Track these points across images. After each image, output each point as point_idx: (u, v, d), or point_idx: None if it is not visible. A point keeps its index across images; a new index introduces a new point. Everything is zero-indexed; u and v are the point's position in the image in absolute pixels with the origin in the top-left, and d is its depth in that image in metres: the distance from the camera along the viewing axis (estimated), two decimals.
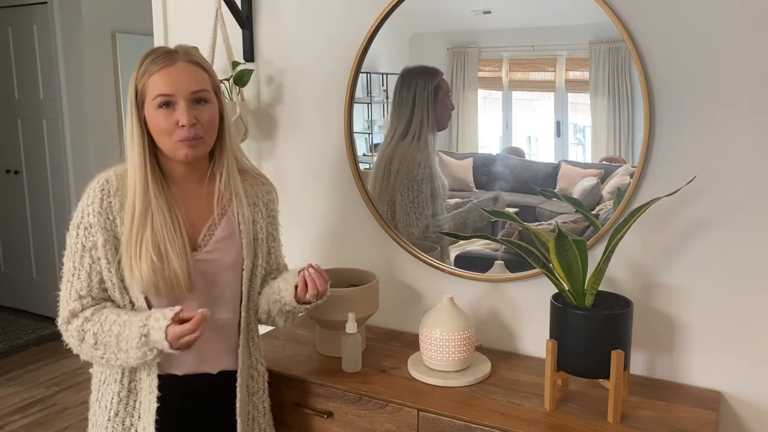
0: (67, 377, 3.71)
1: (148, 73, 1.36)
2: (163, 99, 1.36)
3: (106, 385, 1.46)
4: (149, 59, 1.38)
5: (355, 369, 1.70)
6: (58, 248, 4.50)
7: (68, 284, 1.40)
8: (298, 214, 2.15)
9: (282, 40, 2.11)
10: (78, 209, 1.40)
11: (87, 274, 1.39)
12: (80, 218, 1.39)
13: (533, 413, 1.49)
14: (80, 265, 1.39)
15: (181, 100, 1.36)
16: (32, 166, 4.53)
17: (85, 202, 1.40)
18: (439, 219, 1.95)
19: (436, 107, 1.89)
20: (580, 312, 1.46)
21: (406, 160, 1.95)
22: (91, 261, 1.39)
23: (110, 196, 1.39)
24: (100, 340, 1.36)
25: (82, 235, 1.38)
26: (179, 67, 1.37)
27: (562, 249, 1.43)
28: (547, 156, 1.79)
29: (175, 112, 1.36)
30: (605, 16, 1.60)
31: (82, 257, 1.39)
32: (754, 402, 1.60)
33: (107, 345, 1.36)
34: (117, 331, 1.35)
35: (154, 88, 1.36)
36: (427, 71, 1.89)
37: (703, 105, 1.55)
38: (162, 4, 2.31)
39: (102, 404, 1.46)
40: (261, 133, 2.19)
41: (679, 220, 1.61)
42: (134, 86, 1.39)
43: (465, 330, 1.64)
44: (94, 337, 1.36)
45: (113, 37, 4.25)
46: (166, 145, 1.39)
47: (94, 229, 1.38)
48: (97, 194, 1.39)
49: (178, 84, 1.35)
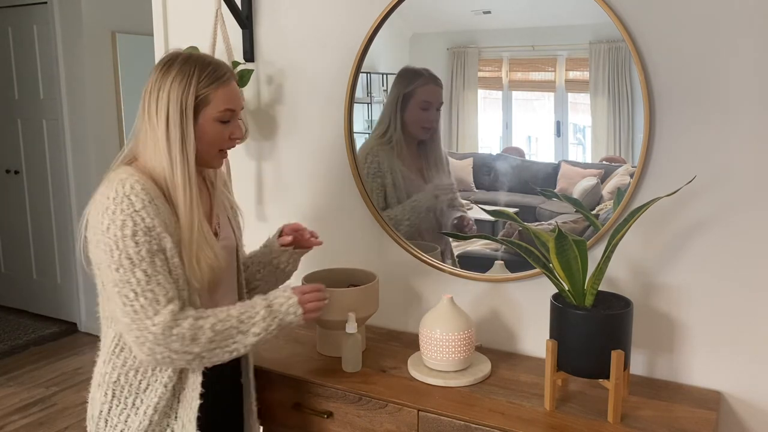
0: (67, 377, 3.71)
1: (216, 85, 1.39)
2: (230, 114, 1.42)
3: (148, 391, 1.42)
4: (211, 70, 1.39)
5: (355, 369, 1.70)
6: (58, 248, 4.51)
7: (148, 293, 1.31)
8: (298, 213, 2.15)
9: (282, 40, 2.11)
10: (117, 219, 1.30)
11: (165, 275, 1.33)
12: (133, 225, 1.30)
13: (533, 413, 1.49)
14: (153, 270, 1.31)
15: (237, 116, 1.45)
16: (32, 166, 4.53)
17: (130, 209, 1.30)
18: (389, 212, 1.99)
19: (404, 115, 1.89)
20: (580, 312, 1.46)
21: (377, 156, 2.00)
22: (162, 262, 1.33)
23: (153, 199, 1.33)
24: (218, 328, 1.35)
25: (143, 240, 1.30)
26: (235, 84, 1.45)
27: (562, 249, 1.43)
28: (547, 156, 1.79)
29: (230, 125, 1.43)
30: (605, 16, 1.60)
31: (153, 262, 1.31)
32: (754, 402, 1.60)
33: (225, 331, 1.36)
34: (237, 313, 1.38)
35: (224, 101, 1.40)
36: (408, 76, 1.90)
37: (703, 105, 1.55)
38: (162, 4, 2.31)
39: (140, 411, 1.42)
40: (261, 133, 2.19)
41: (679, 220, 1.61)
42: (194, 93, 1.36)
43: (465, 330, 1.64)
44: (211, 328, 1.34)
45: (113, 37, 4.25)
46: (209, 153, 1.43)
47: (156, 230, 1.32)
48: (143, 197, 1.31)
49: (239, 101, 1.45)
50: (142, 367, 1.41)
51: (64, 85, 4.25)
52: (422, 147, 1.94)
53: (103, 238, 1.31)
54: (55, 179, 4.42)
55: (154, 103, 1.37)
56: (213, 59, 1.44)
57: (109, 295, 1.35)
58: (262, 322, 1.39)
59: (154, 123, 1.36)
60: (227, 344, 1.37)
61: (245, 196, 2.22)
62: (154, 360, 1.33)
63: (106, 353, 1.44)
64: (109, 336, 1.44)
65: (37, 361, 3.94)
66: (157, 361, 1.34)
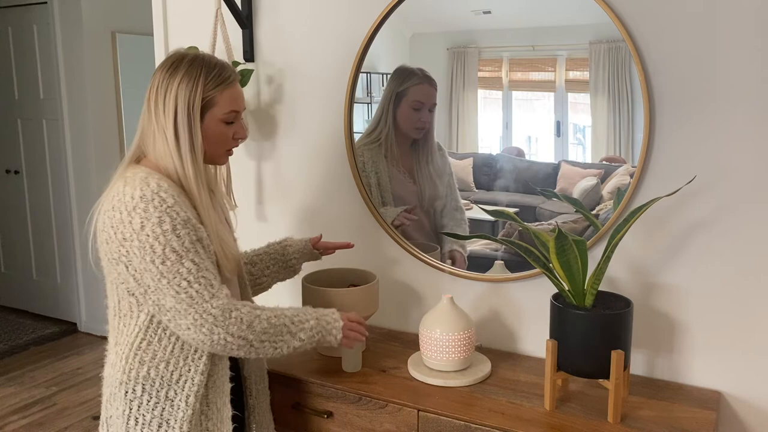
0: (67, 377, 3.71)
1: (223, 87, 1.42)
2: (235, 116, 1.45)
3: (181, 381, 1.40)
4: (217, 72, 1.42)
5: (356, 369, 1.70)
6: (58, 248, 4.51)
7: (202, 279, 1.34)
8: (298, 213, 2.15)
9: (282, 40, 2.11)
10: (153, 217, 1.31)
11: (212, 262, 1.39)
12: (171, 221, 1.32)
13: (533, 413, 1.49)
14: (200, 258, 1.35)
15: (241, 117, 1.49)
16: (32, 166, 4.53)
17: (164, 205, 1.32)
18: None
19: (396, 114, 1.89)
20: (580, 312, 1.46)
21: (364, 156, 2.00)
22: (204, 251, 1.37)
23: (177, 197, 1.36)
24: (273, 322, 1.41)
25: (184, 232, 1.33)
26: (238, 84, 1.48)
27: (562, 249, 1.43)
28: (547, 156, 1.79)
29: (235, 126, 1.47)
30: (605, 16, 1.60)
31: (197, 251, 1.35)
32: (754, 402, 1.60)
33: (277, 329, 1.41)
34: (290, 314, 1.45)
35: (229, 103, 1.43)
36: (402, 75, 1.90)
37: (703, 105, 1.55)
38: (162, 4, 2.31)
39: (178, 403, 1.40)
40: (261, 133, 2.19)
41: (679, 220, 1.62)
42: (201, 95, 1.39)
43: (465, 330, 1.64)
44: (267, 321, 1.40)
45: (113, 37, 4.25)
46: (216, 152, 1.47)
47: (192, 222, 1.35)
48: (172, 193, 1.34)
49: (243, 101, 1.49)
50: (173, 358, 1.40)
51: (64, 85, 4.25)
52: (415, 147, 1.94)
53: (138, 236, 1.32)
54: (55, 179, 4.42)
55: (162, 104, 1.39)
56: (218, 61, 1.46)
57: (155, 289, 1.34)
58: (310, 330, 1.46)
59: (162, 123, 1.38)
60: (276, 340, 1.42)
61: (245, 196, 2.22)
62: (210, 342, 1.35)
63: (127, 350, 1.39)
64: (130, 332, 1.40)
65: (37, 361, 3.94)
66: (213, 343, 1.36)
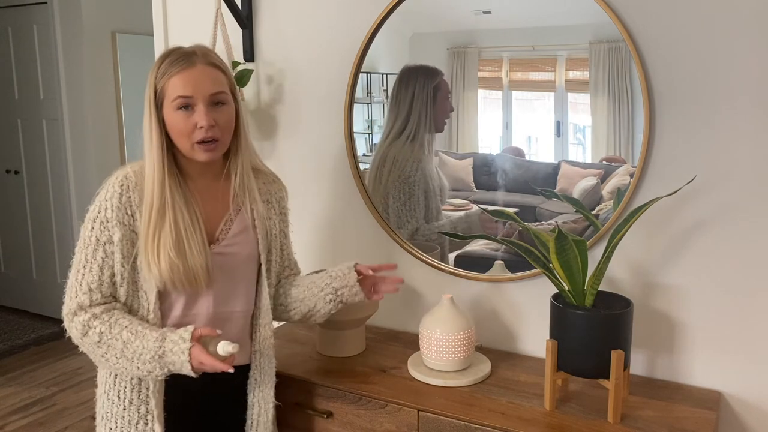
0: (67, 377, 3.71)
1: (168, 75, 1.38)
2: (182, 101, 1.38)
3: (119, 377, 1.45)
4: (168, 60, 1.40)
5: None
6: (58, 248, 4.50)
7: (78, 275, 1.40)
8: (298, 213, 2.15)
9: (282, 40, 2.11)
10: (95, 203, 1.42)
11: (99, 267, 1.40)
12: (97, 212, 1.40)
13: (533, 413, 1.49)
14: (93, 258, 1.40)
15: (200, 103, 1.38)
16: (32, 166, 4.53)
17: (102, 196, 1.41)
18: (433, 225, 1.94)
19: (434, 108, 1.89)
20: (580, 312, 1.46)
21: (398, 161, 1.95)
22: (104, 255, 1.40)
23: (129, 191, 1.40)
24: (104, 339, 1.37)
25: (97, 228, 1.40)
26: (198, 69, 1.39)
27: (562, 249, 1.43)
28: (547, 156, 1.79)
29: (194, 114, 1.39)
30: (605, 16, 1.60)
31: (96, 250, 1.39)
32: (754, 402, 1.60)
33: (111, 347, 1.37)
34: (126, 338, 1.36)
35: (174, 89, 1.38)
36: (428, 71, 1.89)
37: (703, 105, 1.55)
38: (162, 4, 2.31)
39: (113, 395, 1.46)
40: (261, 133, 2.19)
41: (679, 220, 1.61)
42: (153, 86, 1.40)
43: (465, 330, 1.64)
44: (99, 335, 1.37)
45: (113, 37, 4.25)
46: (184, 146, 1.41)
47: (110, 223, 1.39)
48: (116, 189, 1.40)
49: (198, 86, 1.38)
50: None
51: (64, 85, 4.25)
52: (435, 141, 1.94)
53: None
54: (55, 179, 4.42)
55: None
56: (184, 49, 1.42)
57: None
58: (148, 364, 1.35)
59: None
60: (115, 359, 1.38)
61: None
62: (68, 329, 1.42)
63: None
64: None
65: (37, 361, 3.93)
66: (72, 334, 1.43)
